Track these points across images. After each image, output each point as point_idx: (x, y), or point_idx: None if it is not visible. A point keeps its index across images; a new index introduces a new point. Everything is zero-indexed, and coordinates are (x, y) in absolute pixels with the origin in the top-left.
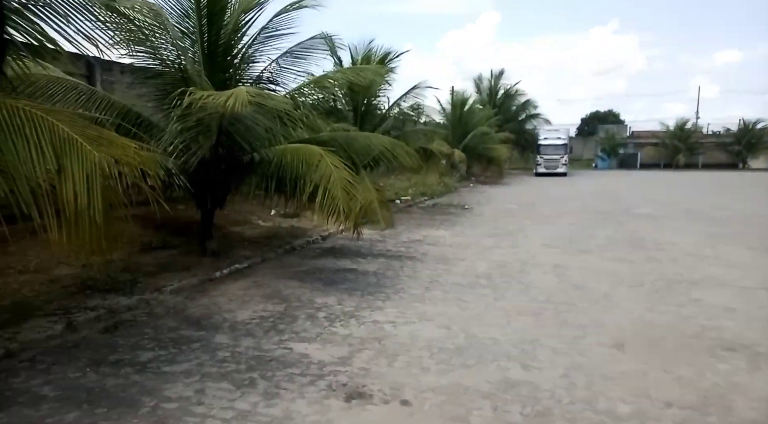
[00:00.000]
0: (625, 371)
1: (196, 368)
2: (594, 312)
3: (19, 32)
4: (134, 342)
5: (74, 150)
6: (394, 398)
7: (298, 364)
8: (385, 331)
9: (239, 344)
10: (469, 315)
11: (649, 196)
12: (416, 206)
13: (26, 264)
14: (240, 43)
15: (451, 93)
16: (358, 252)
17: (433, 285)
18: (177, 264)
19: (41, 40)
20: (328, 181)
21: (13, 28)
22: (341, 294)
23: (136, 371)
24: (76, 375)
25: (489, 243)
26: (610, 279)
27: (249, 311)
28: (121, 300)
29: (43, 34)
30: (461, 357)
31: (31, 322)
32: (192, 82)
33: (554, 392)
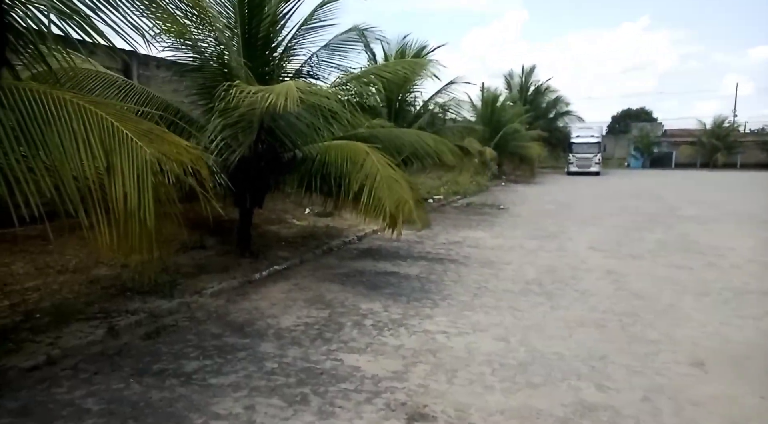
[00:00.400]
0: (714, 394)
1: (244, 380)
2: (662, 325)
3: (64, 21)
4: (177, 350)
5: (124, 146)
6: (460, 421)
7: (351, 378)
8: (439, 342)
9: (286, 354)
10: (526, 326)
11: (690, 197)
12: (449, 206)
13: (65, 263)
14: (280, 35)
15: (482, 90)
16: (396, 254)
17: (482, 291)
18: (215, 265)
19: (88, 30)
20: (374, 181)
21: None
22: (386, 300)
23: (181, 382)
24: (120, 386)
25: (533, 246)
26: (671, 287)
27: (293, 316)
28: (161, 303)
29: (90, 25)
30: (526, 374)
31: (72, 326)
32: (234, 77)
33: (639, 419)
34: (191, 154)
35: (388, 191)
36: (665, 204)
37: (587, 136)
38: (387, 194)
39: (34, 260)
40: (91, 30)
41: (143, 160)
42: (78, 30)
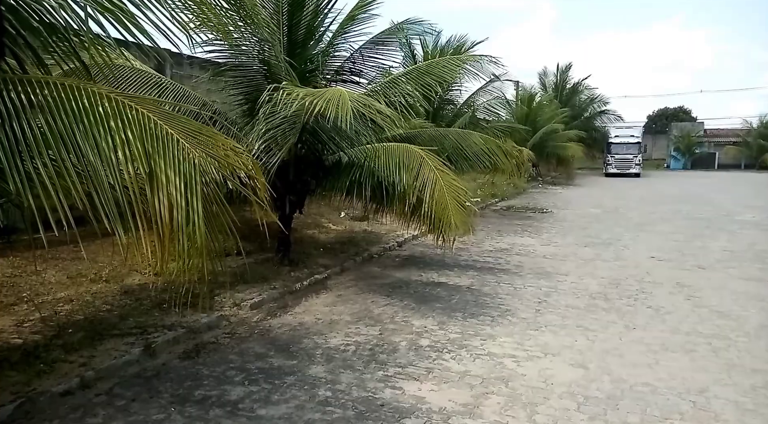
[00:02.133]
0: None
1: (296, 412)
2: (760, 351)
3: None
4: (220, 373)
5: (170, 149)
6: None
7: (417, 412)
8: (508, 368)
9: (339, 380)
10: (602, 349)
11: (744, 201)
12: (489, 209)
13: (98, 271)
14: (322, 27)
15: (516, 88)
16: (442, 262)
17: (544, 307)
18: (253, 274)
19: (128, 26)
20: (433, 188)
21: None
22: (440, 315)
23: (227, 413)
24: (160, 417)
25: (588, 254)
26: (756, 304)
27: (341, 334)
28: (199, 317)
29: (131, 20)
30: (618, 412)
31: (106, 343)
32: (275, 75)
33: None
34: (242, 158)
35: (449, 199)
36: (719, 208)
37: (627, 136)
38: (448, 202)
39: (66, 268)
40: (131, 26)
41: (191, 165)
42: (118, 26)
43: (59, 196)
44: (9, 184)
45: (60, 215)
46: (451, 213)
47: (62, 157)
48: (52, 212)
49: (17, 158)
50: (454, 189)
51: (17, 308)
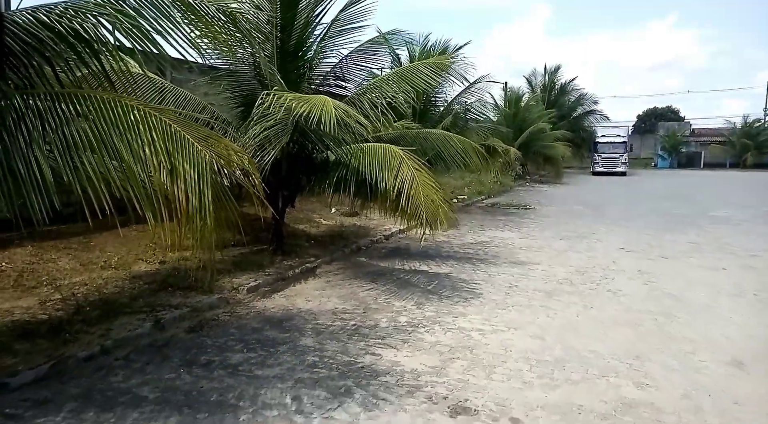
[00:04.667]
0: (753, 392)
1: (288, 373)
2: (698, 326)
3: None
4: (222, 343)
5: (186, 150)
6: (502, 415)
7: (392, 372)
8: (474, 339)
9: (326, 349)
10: (560, 324)
11: (722, 198)
12: (474, 206)
13: (107, 259)
14: (311, 38)
15: (505, 89)
16: (425, 253)
17: (513, 292)
18: (249, 262)
19: (142, 40)
20: (410, 186)
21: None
22: (418, 297)
23: (228, 373)
24: (171, 376)
25: (562, 246)
26: (706, 289)
27: (328, 312)
28: (202, 298)
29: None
30: (564, 371)
31: (121, 319)
32: (267, 80)
33: (680, 417)
34: (241, 157)
35: (423, 195)
36: (696, 205)
37: (613, 135)
38: (423, 199)
39: (78, 257)
40: (144, 38)
41: (203, 163)
42: (137, 40)
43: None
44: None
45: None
46: (424, 209)
47: (102, 155)
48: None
49: (68, 156)
50: (429, 187)
51: (39, 290)
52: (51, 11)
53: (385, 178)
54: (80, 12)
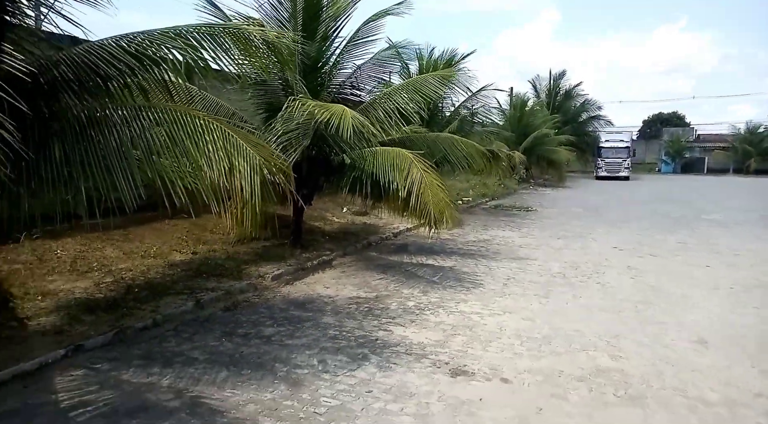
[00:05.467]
0: (711, 364)
1: (313, 342)
2: (673, 311)
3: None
4: (254, 319)
5: (241, 153)
6: (494, 376)
7: (401, 344)
8: (473, 320)
9: (344, 325)
10: (550, 310)
11: (719, 202)
12: (478, 207)
13: (146, 250)
14: (329, 51)
15: (510, 94)
16: (431, 249)
17: (511, 282)
18: (271, 254)
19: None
20: (419, 186)
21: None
22: (424, 286)
23: (263, 342)
24: (215, 344)
25: (559, 244)
26: (686, 282)
27: (345, 297)
28: (233, 283)
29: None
30: (550, 346)
31: (166, 299)
32: (291, 89)
33: (645, 379)
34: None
35: (431, 195)
36: (693, 208)
37: (616, 140)
38: (431, 198)
39: (121, 247)
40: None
41: (254, 163)
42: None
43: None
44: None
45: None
46: (432, 207)
47: (177, 155)
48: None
49: (151, 156)
50: (436, 187)
51: (92, 274)
52: (132, 41)
53: (396, 178)
54: (155, 42)
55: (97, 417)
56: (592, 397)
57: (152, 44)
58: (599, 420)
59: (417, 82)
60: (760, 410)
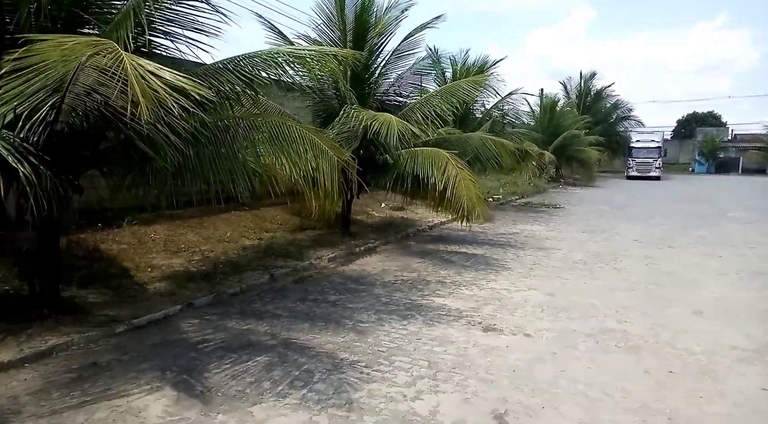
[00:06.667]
0: (702, 329)
1: (370, 306)
2: (680, 291)
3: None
4: (320, 289)
5: (323, 153)
6: (518, 332)
7: (441, 309)
8: (502, 294)
9: (393, 295)
10: (569, 288)
11: (746, 202)
12: (508, 205)
13: (221, 236)
14: (375, 63)
15: (540, 96)
16: (463, 240)
17: (536, 267)
18: (325, 241)
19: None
20: (455, 182)
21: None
22: (459, 269)
23: (330, 305)
24: (292, 305)
25: (583, 237)
26: (698, 269)
27: (391, 275)
28: (297, 263)
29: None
30: (566, 313)
31: (245, 273)
32: (343, 97)
33: (643, 336)
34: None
35: (465, 190)
36: (718, 207)
37: (647, 141)
38: (465, 193)
39: (199, 233)
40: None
41: (332, 162)
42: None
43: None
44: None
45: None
46: (467, 200)
47: (276, 155)
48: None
49: (255, 153)
50: (470, 183)
51: (182, 253)
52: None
53: (434, 175)
54: (248, 65)
55: (217, 349)
56: (597, 347)
57: (246, 66)
58: (601, 361)
59: (451, 87)
60: (733, 358)
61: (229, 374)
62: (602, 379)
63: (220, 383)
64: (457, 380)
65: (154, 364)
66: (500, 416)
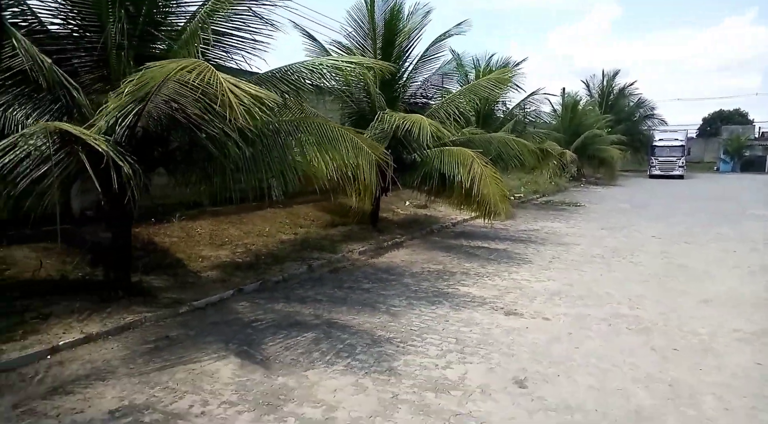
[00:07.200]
0: (708, 315)
1: (400, 293)
2: (692, 283)
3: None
4: (354, 278)
5: (363, 152)
6: (537, 316)
7: (466, 296)
8: (523, 284)
9: (421, 284)
10: (586, 279)
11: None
12: (529, 203)
13: (260, 231)
14: (402, 67)
15: (562, 95)
16: (486, 236)
17: (555, 260)
18: (355, 236)
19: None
20: (479, 180)
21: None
22: (482, 262)
23: (364, 291)
24: (330, 292)
25: (602, 234)
26: (711, 263)
27: (418, 267)
28: (331, 255)
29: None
30: (582, 301)
31: (286, 264)
32: (373, 100)
33: (653, 320)
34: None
35: (490, 188)
36: (739, 205)
37: (670, 139)
38: (489, 190)
39: (240, 228)
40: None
41: (371, 160)
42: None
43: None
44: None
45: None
46: (491, 197)
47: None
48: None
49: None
50: (494, 180)
51: (226, 246)
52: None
53: (460, 173)
54: (295, 74)
55: (269, 327)
56: (610, 329)
57: (292, 75)
58: (612, 341)
59: (473, 86)
60: (733, 337)
61: (282, 346)
62: (612, 354)
63: (275, 353)
64: (482, 354)
65: (217, 338)
66: (521, 382)
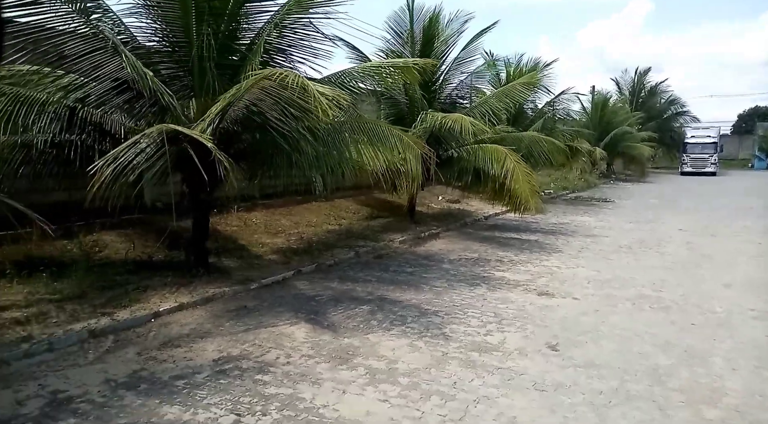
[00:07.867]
0: (728, 296)
1: (440, 277)
2: (715, 271)
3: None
4: (397, 264)
5: (409, 146)
6: (567, 296)
7: (502, 279)
8: (553, 270)
9: (459, 269)
10: (614, 267)
11: None
12: (559, 199)
13: (308, 221)
14: (439, 70)
15: (592, 93)
16: (517, 228)
17: (584, 250)
18: (394, 227)
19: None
20: (512, 175)
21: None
22: (515, 251)
23: (408, 274)
24: (378, 274)
25: (629, 227)
26: (736, 253)
27: (455, 255)
28: (374, 243)
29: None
30: (609, 284)
31: (335, 250)
32: (412, 101)
33: (674, 300)
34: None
35: (522, 182)
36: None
37: (703, 136)
38: (521, 185)
39: (290, 219)
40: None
41: (416, 153)
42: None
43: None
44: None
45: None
46: (523, 192)
47: (373, 149)
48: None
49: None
50: (526, 176)
51: (281, 234)
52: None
53: (494, 168)
54: (351, 79)
55: (330, 300)
56: (634, 307)
57: (347, 78)
58: (635, 316)
59: (506, 89)
60: (748, 315)
61: (344, 315)
62: (635, 326)
63: (338, 320)
64: (518, 325)
65: (287, 308)
66: (553, 346)
